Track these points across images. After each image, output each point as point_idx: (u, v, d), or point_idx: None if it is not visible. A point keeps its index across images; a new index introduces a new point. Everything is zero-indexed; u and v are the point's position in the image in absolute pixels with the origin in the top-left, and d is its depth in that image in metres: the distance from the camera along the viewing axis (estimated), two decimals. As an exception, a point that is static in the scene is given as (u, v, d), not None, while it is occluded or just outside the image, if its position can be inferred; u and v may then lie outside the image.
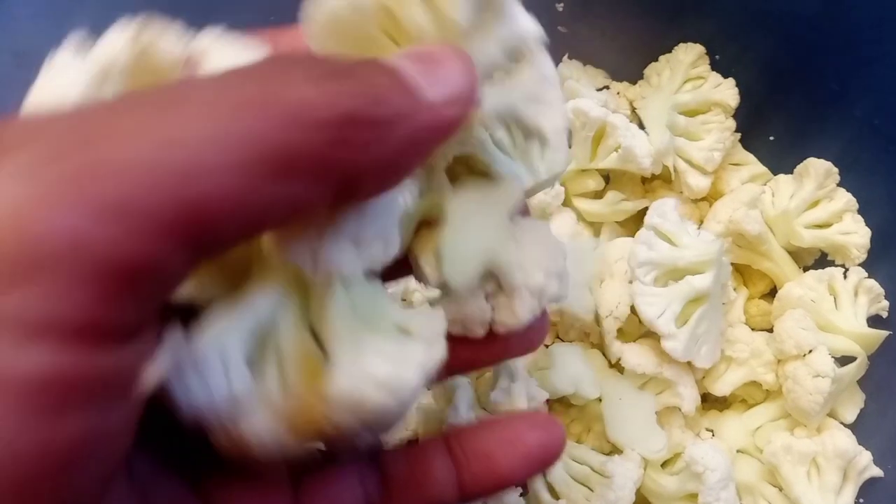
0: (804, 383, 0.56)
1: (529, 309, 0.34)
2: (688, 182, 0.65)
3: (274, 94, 0.22)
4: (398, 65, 0.25)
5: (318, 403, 0.26)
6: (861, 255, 0.62)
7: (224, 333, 0.26)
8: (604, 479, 0.56)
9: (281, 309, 0.28)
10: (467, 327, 0.34)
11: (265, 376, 0.27)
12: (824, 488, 0.56)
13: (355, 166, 0.23)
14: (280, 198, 0.22)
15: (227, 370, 0.26)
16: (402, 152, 0.24)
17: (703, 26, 0.67)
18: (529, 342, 0.36)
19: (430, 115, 0.25)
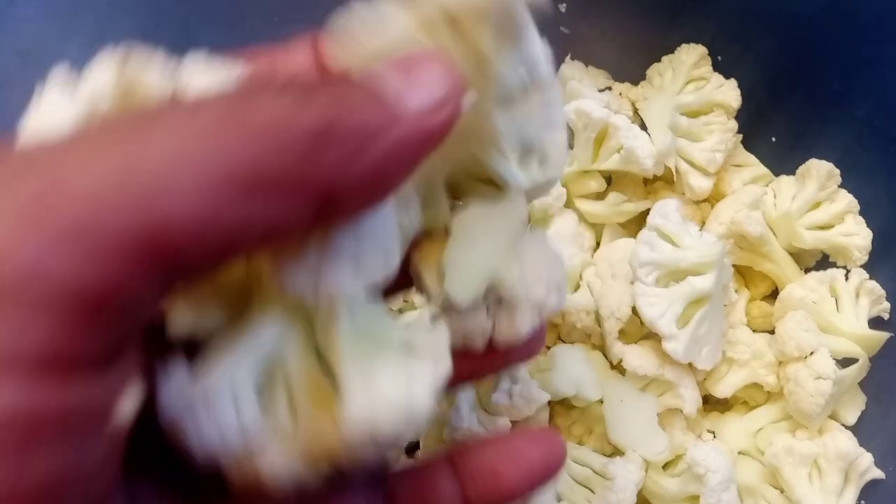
0: (805, 385, 0.56)
1: (530, 322, 0.35)
2: (690, 183, 0.65)
3: (240, 114, 0.21)
4: (374, 76, 0.24)
5: (332, 432, 0.26)
6: (862, 257, 0.62)
7: (232, 369, 0.26)
8: (605, 480, 0.56)
9: (286, 336, 0.28)
10: (468, 340, 0.34)
11: (276, 407, 0.27)
12: (826, 490, 0.56)
13: (332, 183, 0.23)
14: (252, 217, 0.21)
15: (238, 407, 0.26)
16: (384, 165, 0.24)
17: (706, 27, 0.67)
18: (529, 350, 0.37)
19: (412, 124, 0.24)
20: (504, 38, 0.29)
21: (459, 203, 0.34)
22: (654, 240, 0.57)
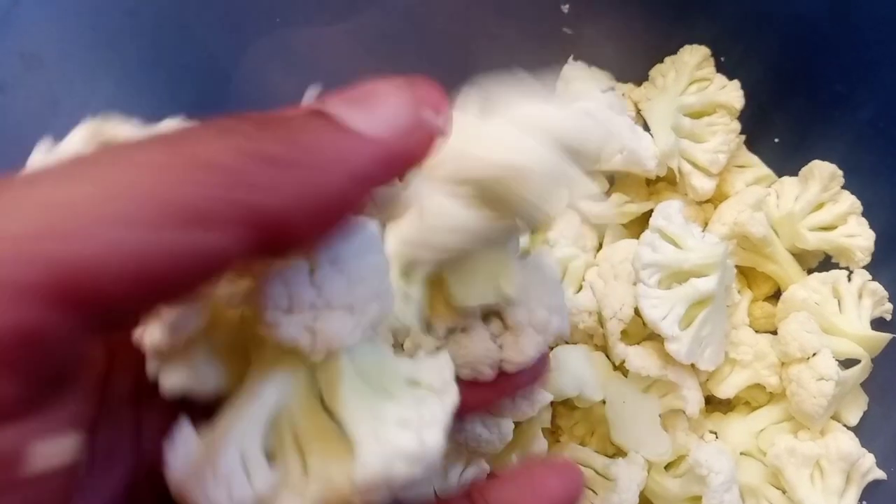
0: (808, 386, 0.56)
1: (536, 345, 0.36)
2: (692, 184, 0.65)
3: (180, 148, 0.21)
4: (320, 106, 0.24)
5: (345, 481, 0.26)
6: (865, 258, 0.62)
7: (239, 434, 0.26)
8: (607, 481, 0.56)
9: (289, 389, 0.28)
10: (476, 370, 0.35)
11: (287, 464, 0.27)
12: (828, 491, 0.56)
13: (267, 210, 0.22)
14: (182, 250, 0.21)
15: (248, 472, 0.26)
16: (340, 192, 0.23)
17: (709, 28, 0.67)
18: (535, 374, 0.38)
19: (358, 150, 0.23)
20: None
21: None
22: (656, 241, 0.57)
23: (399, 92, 0.25)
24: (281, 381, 0.28)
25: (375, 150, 0.24)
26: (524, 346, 0.35)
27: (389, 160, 0.24)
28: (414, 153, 0.25)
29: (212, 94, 0.56)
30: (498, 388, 0.36)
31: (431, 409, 0.28)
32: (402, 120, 0.24)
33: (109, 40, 0.49)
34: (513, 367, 0.35)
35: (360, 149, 0.24)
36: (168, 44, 0.52)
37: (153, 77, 0.52)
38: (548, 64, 0.70)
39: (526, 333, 0.35)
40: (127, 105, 0.51)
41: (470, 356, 0.35)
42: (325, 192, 0.23)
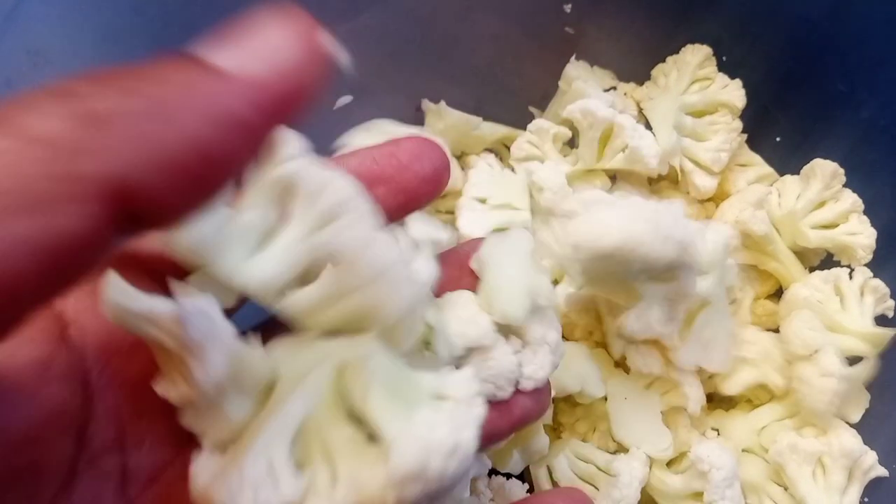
0: (813, 383, 0.56)
1: (551, 364, 0.36)
2: (694, 182, 0.66)
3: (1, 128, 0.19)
4: (185, 50, 0.22)
5: (377, 482, 0.26)
6: (867, 256, 0.62)
7: (266, 443, 0.27)
8: (609, 477, 0.56)
9: (316, 403, 0.28)
10: (498, 385, 0.35)
11: (315, 474, 0.27)
12: (830, 488, 0.56)
13: (110, 177, 0.19)
14: (35, 242, 0.18)
15: (275, 479, 0.26)
16: (186, 143, 0.20)
17: (711, 27, 0.67)
18: (542, 404, 0.38)
19: (222, 92, 0.21)
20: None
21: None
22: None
23: (279, 23, 0.22)
24: (307, 394, 0.28)
25: (246, 91, 0.21)
26: (543, 362, 0.36)
27: (267, 100, 0.21)
28: (299, 90, 0.22)
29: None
30: (510, 415, 0.36)
31: (462, 411, 0.28)
32: (281, 54, 0.22)
33: (115, 37, 0.49)
34: (531, 385, 0.36)
35: (225, 90, 0.21)
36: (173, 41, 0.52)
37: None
38: (550, 63, 0.70)
39: (543, 351, 0.36)
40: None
41: (494, 370, 0.35)
42: (178, 146, 0.20)
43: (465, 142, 0.70)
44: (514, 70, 0.71)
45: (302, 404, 0.28)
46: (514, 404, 0.36)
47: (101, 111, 0.19)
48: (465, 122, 0.69)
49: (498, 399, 0.35)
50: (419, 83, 0.69)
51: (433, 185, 0.35)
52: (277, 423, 0.27)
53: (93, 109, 0.19)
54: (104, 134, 0.19)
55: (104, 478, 0.29)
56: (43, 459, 0.27)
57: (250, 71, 0.21)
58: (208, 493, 0.26)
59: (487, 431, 0.34)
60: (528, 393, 0.36)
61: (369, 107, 0.66)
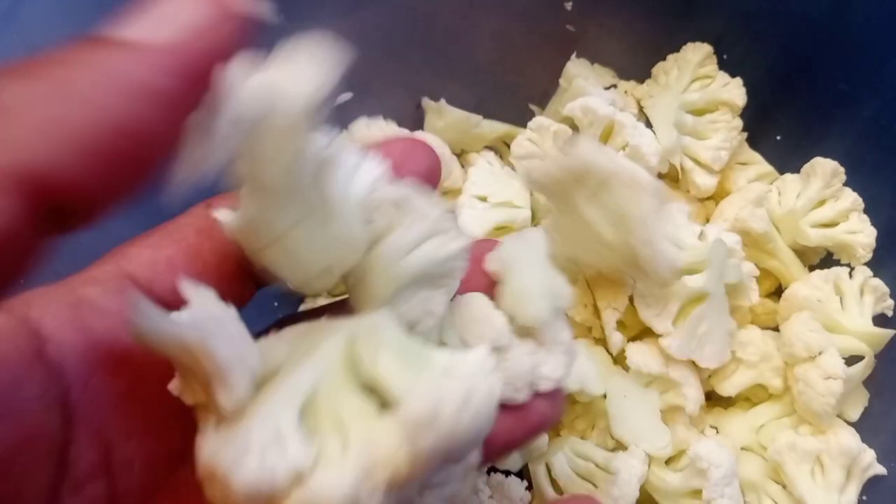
0: (816, 385, 0.56)
1: (566, 365, 0.35)
2: (694, 181, 0.66)
3: None
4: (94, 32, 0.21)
5: (392, 443, 0.25)
6: (867, 255, 0.62)
7: (274, 409, 0.26)
8: (608, 475, 0.56)
9: (326, 372, 0.28)
10: (514, 387, 0.34)
11: (327, 444, 0.26)
12: (828, 486, 0.56)
13: (14, 167, 0.18)
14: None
15: (284, 446, 0.25)
16: (94, 121, 0.19)
17: (712, 26, 0.67)
18: (557, 410, 0.37)
19: (130, 63, 0.20)
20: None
21: None
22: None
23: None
24: (317, 364, 0.28)
25: (155, 58, 0.20)
26: (559, 362, 0.35)
27: (180, 64, 0.21)
28: (212, 49, 0.21)
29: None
30: (526, 421, 0.35)
31: (477, 374, 0.27)
32: (188, 16, 0.21)
33: (115, 34, 0.49)
34: (549, 385, 0.35)
35: (134, 61, 0.20)
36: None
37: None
38: (551, 61, 0.70)
39: (558, 351, 0.35)
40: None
41: (510, 371, 0.34)
42: (91, 126, 0.19)
43: (465, 140, 0.70)
44: (514, 68, 0.71)
45: (311, 373, 0.28)
46: (531, 410, 0.35)
47: (4, 101, 0.18)
48: (466, 119, 0.69)
49: (515, 402, 0.35)
50: (419, 81, 0.69)
51: (427, 184, 0.35)
52: (285, 391, 0.27)
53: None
54: (8, 124, 0.18)
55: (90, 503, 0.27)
56: (20, 488, 0.25)
57: (157, 38, 0.20)
58: (214, 460, 0.25)
59: (504, 439, 0.34)
60: (545, 397, 0.35)
61: (369, 104, 0.66)
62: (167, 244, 0.31)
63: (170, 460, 0.30)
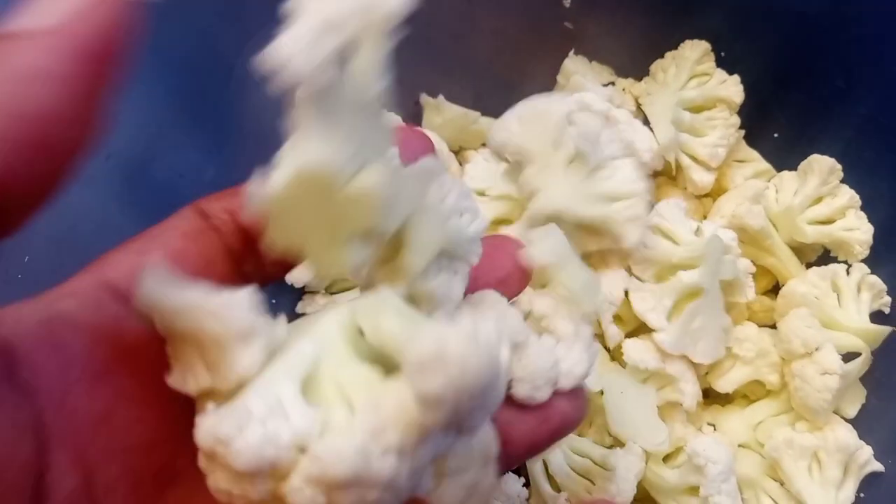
0: (813, 381, 0.56)
1: (589, 360, 0.35)
2: (692, 178, 0.66)
3: None
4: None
5: (399, 398, 0.24)
6: (864, 252, 0.62)
7: (276, 380, 0.26)
8: (605, 471, 0.56)
9: (329, 344, 0.27)
10: (535, 385, 0.33)
11: (332, 412, 0.26)
12: (825, 482, 0.56)
13: None
14: None
15: (287, 414, 0.25)
16: (6, 112, 0.19)
17: (709, 23, 0.67)
18: (580, 410, 0.36)
19: (25, 52, 0.20)
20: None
21: None
22: (649, 238, 0.57)
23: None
24: (318, 336, 0.27)
25: (49, 42, 0.20)
26: (580, 358, 0.34)
27: (75, 46, 0.20)
28: (108, 27, 0.21)
29: (213, 84, 0.56)
30: (548, 421, 0.34)
31: (485, 324, 0.25)
32: (72, 1, 0.21)
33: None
34: (570, 382, 0.34)
35: (26, 49, 0.20)
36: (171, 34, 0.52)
37: (156, 66, 0.52)
38: (549, 58, 0.70)
39: (578, 347, 0.34)
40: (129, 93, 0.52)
41: (530, 368, 0.33)
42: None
43: (463, 136, 0.70)
44: (513, 65, 0.71)
45: (311, 347, 0.27)
46: (553, 410, 0.34)
47: None
48: (464, 116, 0.69)
49: (536, 402, 0.33)
50: (418, 77, 0.69)
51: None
52: (285, 365, 0.26)
53: None
54: None
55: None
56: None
57: (48, 23, 0.20)
58: (214, 434, 0.24)
59: (527, 441, 0.33)
60: (566, 396, 0.34)
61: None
62: (150, 249, 0.30)
63: (156, 482, 0.28)
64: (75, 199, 0.48)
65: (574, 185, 0.55)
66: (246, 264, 0.31)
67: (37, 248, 0.45)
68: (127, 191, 0.51)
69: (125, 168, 0.51)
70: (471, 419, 0.25)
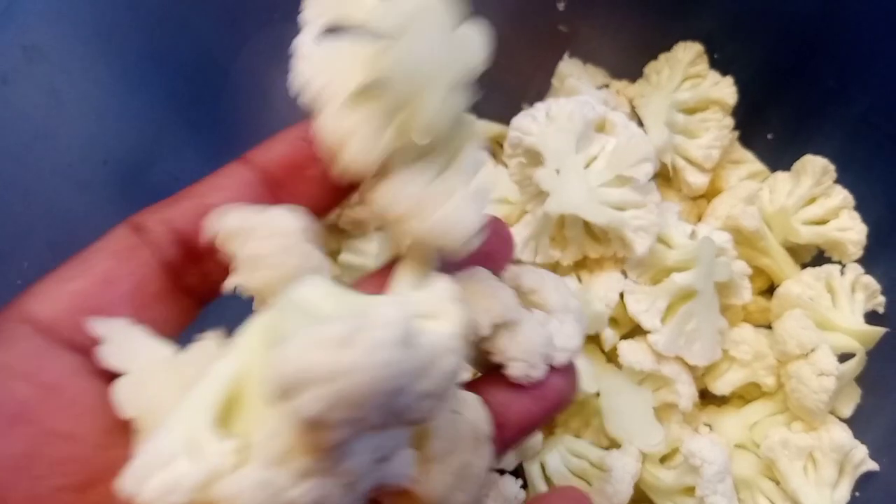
0: (809, 383, 0.56)
1: (579, 333, 0.34)
2: (686, 179, 0.66)
3: None
4: None
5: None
6: (857, 252, 0.63)
7: (188, 409, 0.24)
8: (602, 472, 0.56)
9: (247, 367, 0.25)
10: (530, 363, 0.33)
11: (252, 438, 0.24)
12: (821, 482, 0.57)
13: None
14: None
15: (199, 450, 0.23)
16: None
17: (703, 25, 0.67)
18: (573, 384, 0.35)
19: None
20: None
21: None
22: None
23: None
24: (240, 348, 0.26)
25: None
26: (572, 331, 0.34)
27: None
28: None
29: (209, 88, 0.57)
30: (544, 398, 0.34)
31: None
32: None
33: (109, 34, 0.49)
34: (565, 357, 0.33)
35: None
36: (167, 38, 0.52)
37: (152, 71, 0.53)
38: (543, 61, 0.71)
39: (569, 319, 0.34)
40: (126, 98, 0.52)
41: (524, 345, 0.32)
42: None
43: (459, 139, 0.70)
44: (507, 68, 0.70)
45: (232, 364, 0.25)
46: (548, 387, 0.33)
47: None
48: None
49: (532, 379, 0.33)
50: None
51: None
52: (204, 389, 0.24)
53: None
54: None
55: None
56: None
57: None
58: (125, 484, 0.23)
59: (525, 422, 0.33)
60: (560, 371, 0.34)
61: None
62: (75, 276, 0.29)
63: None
64: (73, 204, 0.48)
65: (589, 190, 0.55)
66: (188, 277, 0.30)
67: (35, 253, 0.45)
68: (124, 195, 0.51)
69: (123, 173, 0.51)
70: (404, 414, 0.22)
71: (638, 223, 0.55)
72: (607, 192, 0.55)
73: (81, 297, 0.28)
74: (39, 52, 0.46)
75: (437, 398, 0.23)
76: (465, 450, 0.29)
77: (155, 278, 0.29)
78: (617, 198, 0.55)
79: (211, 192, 0.31)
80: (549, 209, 0.54)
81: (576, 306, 0.34)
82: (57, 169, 0.48)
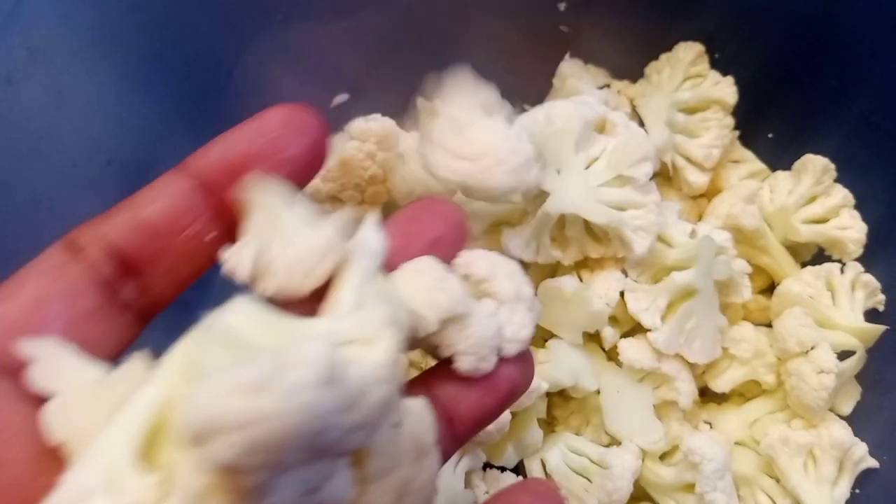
0: (808, 380, 0.57)
1: (531, 322, 0.33)
2: (687, 179, 0.66)
3: None
4: None
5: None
6: (857, 250, 0.63)
7: (109, 441, 0.23)
8: (602, 470, 0.56)
9: (169, 397, 0.24)
10: (480, 356, 0.32)
11: (174, 470, 0.23)
12: (821, 479, 0.57)
13: None
14: None
15: (120, 481, 0.22)
16: None
17: (703, 25, 0.68)
18: (528, 374, 0.35)
19: None
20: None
21: None
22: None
23: None
24: (165, 372, 0.25)
25: None
26: (523, 321, 0.33)
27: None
28: None
29: (213, 89, 0.57)
30: (496, 389, 0.33)
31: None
32: None
33: (114, 35, 0.50)
34: (515, 348, 0.33)
35: None
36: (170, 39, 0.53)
37: (156, 72, 0.53)
38: (545, 62, 0.71)
39: (520, 308, 0.33)
40: (130, 98, 0.52)
41: (473, 339, 0.31)
42: None
43: (461, 139, 0.71)
44: (508, 68, 0.71)
45: (157, 389, 0.24)
46: (500, 377, 0.33)
47: None
48: (460, 119, 0.69)
49: (482, 372, 0.32)
50: (414, 82, 0.70)
51: (315, 153, 0.32)
52: (126, 418, 0.24)
53: None
54: None
55: None
56: None
57: None
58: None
59: (475, 415, 0.32)
60: (513, 361, 0.33)
61: (365, 105, 0.67)
62: (3, 298, 0.28)
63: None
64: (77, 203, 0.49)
65: (589, 190, 0.55)
66: (125, 292, 0.30)
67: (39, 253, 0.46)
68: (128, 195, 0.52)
69: (126, 173, 0.52)
70: (333, 448, 0.22)
71: (638, 223, 0.56)
72: (607, 192, 0.56)
73: (10, 318, 0.27)
74: (44, 53, 0.46)
75: (369, 429, 0.23)
76: (406, 464, 0.28)
77: (89, 296, 0.29)
78: (617, 197, 0.56)
79: (146, 204, 0.30)
80: (549, 209, 0.54)
81: (528, 294, 0.34)
82: (61, 169, 0.48)
